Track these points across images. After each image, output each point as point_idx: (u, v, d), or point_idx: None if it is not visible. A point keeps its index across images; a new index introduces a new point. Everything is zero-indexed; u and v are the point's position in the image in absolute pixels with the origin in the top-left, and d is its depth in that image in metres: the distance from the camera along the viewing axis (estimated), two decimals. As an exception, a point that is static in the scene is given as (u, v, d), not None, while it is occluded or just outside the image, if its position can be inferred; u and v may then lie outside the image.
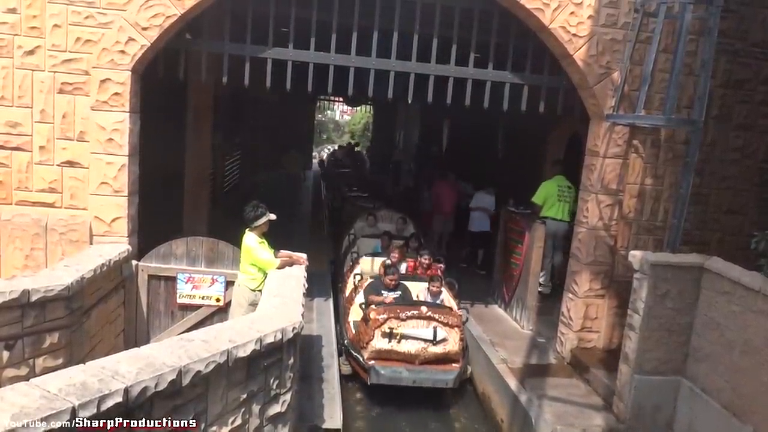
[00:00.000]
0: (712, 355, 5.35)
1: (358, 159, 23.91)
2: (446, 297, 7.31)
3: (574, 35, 6.36)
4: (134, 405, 2.95)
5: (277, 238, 6.29)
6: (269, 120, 20.23)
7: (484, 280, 10.01)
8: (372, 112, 31.30)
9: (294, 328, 4.27)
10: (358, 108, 34.68)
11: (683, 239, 6.04)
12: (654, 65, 6.05)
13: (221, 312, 6.45)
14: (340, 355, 6.95)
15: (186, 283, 6.41)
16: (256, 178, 17.47)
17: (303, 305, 4.84)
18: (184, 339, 3.68)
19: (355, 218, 10.40)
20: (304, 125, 25.73)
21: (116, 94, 5.95)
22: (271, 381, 4.13)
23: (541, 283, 8.48)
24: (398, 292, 7.07)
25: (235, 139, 16.01)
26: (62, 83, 5.90)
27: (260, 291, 5.64)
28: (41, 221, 5.98)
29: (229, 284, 6.33)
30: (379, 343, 6.38)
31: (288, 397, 4.35)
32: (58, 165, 6.02)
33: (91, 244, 6.06)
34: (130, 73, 5.96)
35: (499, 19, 6.65)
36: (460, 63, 6.82)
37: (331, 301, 8.45)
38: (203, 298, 6.47)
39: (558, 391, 6.35)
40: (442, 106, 7.30)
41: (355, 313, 7.09)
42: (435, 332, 6.41)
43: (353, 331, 6.93)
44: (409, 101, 7.06)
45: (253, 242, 5.80)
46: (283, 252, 6.06)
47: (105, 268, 5.52)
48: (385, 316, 6.40)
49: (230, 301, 6.22)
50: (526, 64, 6.90)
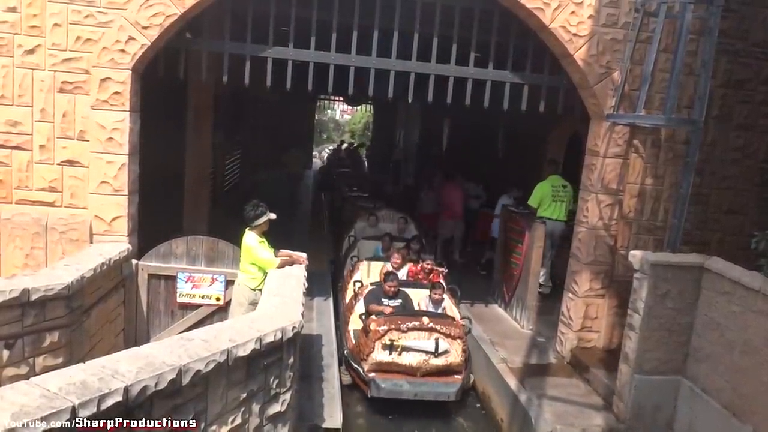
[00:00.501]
0: (712, 355, 5.35)
1: (357, 159, 23.94)
2: (448, 305, 7.12)
3: (575, 35, 6.36)
4: (134, 404, 2.95)
5: (277, 237, 6.29)
6: (269, 119, 20.21)
7: (484, 279, 10.01)
8: (372, 112, 31.29)
9: (294, 328, 4.27)
10: (359, 107, 34.69)
11: (683, 239, 6.04)
12: (654, 65, 6.05)
13: (221, 311, 6.45)
14: (340, 364, 6.78)
15: (186, 282, 6.42)
16: (256, 177, 17.46)
17: (303, 305, 4.85)
18: (184, 338, 3.68)
19: (355, 218, 10.32)
20: (305, 124, 25.72)
21: (116, 93, 5.95)
22: (271, 380, 4.13)
23: (541, 284, 8.48)
24: (399, 300, 6.90)
25: (236, 139, 16.00)
26: (62, 82, 5.90)
27: (260, 290, 5.64)
28: (41, 220, 5.98)
29: (229, 283, 6.33)
30: (379, 355, 6.26)
31: (288, 396, 4.35)
32: (58, 164, 6.02)
33: (91, 243, 6.07)
34: (131, 72, 5.96)
35: (499, 18, 6.65)
36: (460, 62, 6.82)
37: (331, 300, 8.45)
38: (203, 297, 6.47)
39: (558, 390, 6.35)
40: (442, 106, 7.30)
41: (355, 321, 6.92)
42: (437, 344, 6.28)
43: (353, 341, 6.78)
44: (410, 101, 7.06)
45: (253, 241, 5.80)
46: (283, 251, 6.06)
47: (105, 267, 5.52)
48: (386, 328, 6.25)
49: (230, 301, 6.22)
50: (526, 64, 6.90)
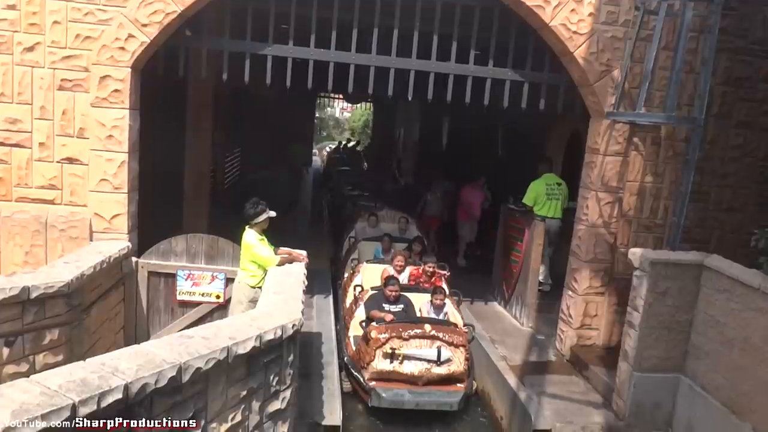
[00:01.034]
0: (711, 352, 5.35)
1: (356, 157, 23.95)
2: (450, 310, 6.93)
3: (575, 33, 6.36)
4: (134, 402, 2.95)
5: (277, 235, 6.29)
6: (269, 117, 20.20)
7: (483, 277, 10.00)
8: (372, 110, 31.28)
9: (294, 325, 4.28)
10: (358, 105, 34.68)
11: (683, 237, 6.05)
12: (654, 63, 6.04)
13: (221, 309, 6.45)
14: (341, 370, 6.61)
15: (186, 280, 6.42)
16: (256, 175, 17.46)
17: (303, 302, 4.85)
18: (184, 336, 3.68)
19: (356, 218, 10.18)
20: (305, 122, 25.72)
21: (116, 90, 5.95)
22: (271, 378, 4.14)
23: (540, 281, 8.48)
24: (400, 305, 6.72)
25: (235, 136, 16.00)
26: (62, 80, 5.90)
27: (260, 288, 5.64)
28: (41, 218, 5.98)
29: (229, 281, 6.33)
30: (380, 364, 6.08)
31: (288, 393, 4.35)
32: (57, 162, 6.02)
33: (91, 240, 6.07)
34: (130, 69, 5.96)
35: (499, 16, 6.65)
36: (460, 60, 6.81)
37: (330, 298, 8.45)
38: (203, 295, 6.47)
39: (557, 388, 6.36)
40: (442, 104, 7.30)
41: (356, 327, 6.75)
42: (439, 352, 6.09)
43: (353, 348, 6.60)
44: (410, 99, 7.05)
45: (253, 239, 5.80)
46: (283, 249, 6.06)
47: (105, 264, 5.53)
48: (387, 336, 6.06)
49: (230, 298, 6.22)
50: (526, 62, 6.89)
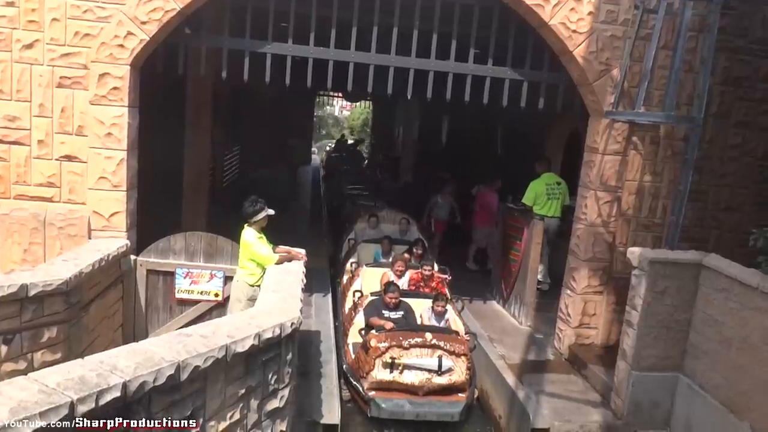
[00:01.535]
0: (709, 351, 5.36)
1: (357, 156, 23.95)
2: (452, 317, 6.76)
3: (574, 31, 6.35)
4: (132, 400, 2.95)
5: (276, 233, 6.29)
6: (268, 115, 20.20)
7: (482, 276, 10.02)
8: (371, 108, 31.28)
9: (292, 324, 4.28)
10: (358, 103, 34.70)
11: (682, 236, 6.05)
12: (654, 62, 6.04)
13: (220, 307, 6.45)
14: (340, 377, 6.44)
15: (184, 278, 6.41)
16: (255, 173, 17.45)
17: (302, 301, 4.85)
18: (183, 334, 3.68)
19: (355, 218, 10.01)
20: (304, 120, 25.73)
21: (115, 88, 5.94)
22: (270, 376, 4.13)
23: (539, 280, 8.48)
24: (400, 312, 6.53)
25: (235, 134, 15.99)
26: (61, 77, 5.89)
27: (259, 286, 5.64)
28: (39, 216, 5.97)
29: (228, 279, 6.33)
30: (380, 374, 5.90)
31: (286, 392, 4.35)
32: (56, 159, 6.01)
33: (90, 238, 6.06)
34: (129, 67, 5.95)
35: (499, 14, 6.64)
36: (459, 59, 6.81)
37: (329, 296, 8.45)
38: (202, 293, 6.47)
39: (556, 387, 6.37)
40: (441, 103, 7.29)
41: (355, 334, 6.59)
42: (440, 362, 5.92)
43: (352, 356, 6.43)
44: (409, 97, 7.05)
45: (251, 237, 5.80)
46: (282, 247, 6.06)
47: (103, 262, 5.52)
48: (387, 345, 5.89)
49: (229, 297, 6.22)
50: (525, 61, 6.89)
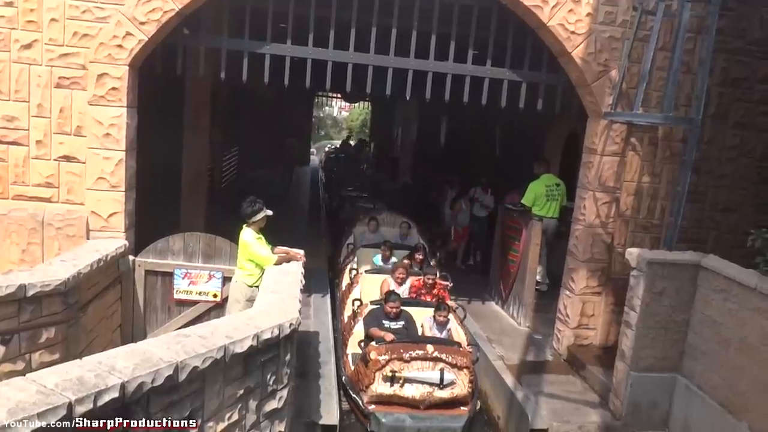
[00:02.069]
0: (708, 352, 5.37)
1: (358, 157, 23.89)
2: (453, 326, 6.56)
3: (573, 33, 6.36)
4: (131, 400, 2.95)
5: (274, 234, 6.28)
6: (267, 116, 20.20)
7: (481, 277, 10.02)
8: (370, 109, 31.28)
9: (291, 324, 4.27)
10: (357, 104, 34.69)
11: (680, 237, 6.06)
12: (652, 63, 6.06)
13: (218, 308, 6.44)
14: (339, 389, 6.29)
15: (183, 278, 6.41)
16: (254, 174, 17.45)
17: (300, 301, 4.84)
18: (181, 334, 3.68)
19: (355, 221, 9.82)
20: (303, 121, 25.73)
21: (113, 89, 5.93)
22: (268, 377, 4.13)
23: (538, 281, 8.49)
24: (401, 321, 6.33)
25: (233, 135, 15.99)
26: (59, 77, 5.88)
27: (257, 287, 5.64)
28: (38, 216, 5.96)
29: (227, 280, 6.33)
30: (380, 387, 5.71)
31: (285, 393, 4.35)
32: (54, 160, 6.00)
33: (88, 239, 6.05)
34: (128, 67, 5.94)
35: (497, 16, 6.65)
36: (458, 60, 6.81)
37: (328, 297, 8.44)
38: (200, 293, 6.46)
39: (554, 387, 6.37)
40: (440, 104, 7.29)
41: (354, 344, 6.43)
42: (442, 375, 5.73)
43: (351, 368, 6.25)
44: (408, 98, 7.05)
45: (250, 238, 5.80)
46: (281, 248, 6.05)
47: (102, 263, 5.51)
48: (387, 358, 5.69)
49: (227, 297, 6.20)
50: (524, 62, 6.90)
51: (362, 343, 6.13)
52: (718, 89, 6.68)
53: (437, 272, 7.54)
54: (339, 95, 25.69)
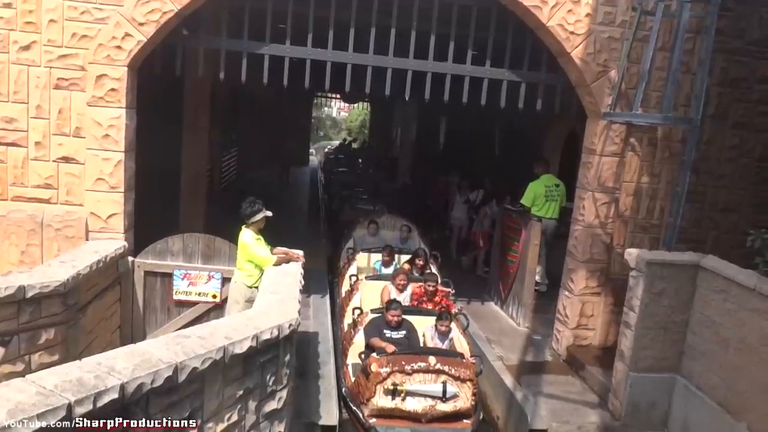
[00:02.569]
0: (707, 352, 5.37)
1: (354, 157, 23.95)
2: (456, 335, 6.40)
3: (572, 33, 6.36)
4: (130, 401, 2.95)
5: (273, 234, 6.28)
6: (266, 116, 20.20)
7: (480, 277, 10.02)
8: (369, 109, 31.27)
9: (290, 325, 4.27)
10: (356, 105, 34.68)
11: (679, 237, 6.06)
12: (651, 63, 6.06)
13: (218, 309, 6.44)
14: (339, 399, 6.15)
15: (182, 279, 6.41)
16: (253, 174, 17.44)
17: (299, 302, 4.84)
18: (181, 335, 3.68)
19: (354, 224, 9.66)
20: (302, 121, 25.72)
21: (112, 89, 5.93)
22: (268, 377, 4.13)
23: (537, 281, 8.49)
24: (402, 331, 6.17)
25: (232, 136, 15.99)
26: (58, 79, 5.88)
27: (257, 288, 5.64)
28: (37, 217, 5.96)
29: (226, 281, 6.33)
30: (381, 400, 5.54)
31: (284, 393, 4.35)
32: (53, 161, 6.00)
33: (87, 240, 6.05)
34: (127, 68, 5.94)
35: (496, 16, 6.65)
36: (457, 60, 6.81)
37: (327, 298, 8.44)
38: (200, 294, 6.46)
39: (554, 388, 6.37)
40: (439, 104, 7.29)
41: (354, 355, 6.28)
42: (444, 388, 5.56)
43: (352, 379, 6.10)
44: (407, 98, 7.05)
45: (249, 239, 5.79)
46: (280, 249, 6.05)
47: (101, 264, 5.51)
48: (388, 370, 5.52)
49: (227, 298, 6.20)
50: (523, 62, 6.90)
51: (363, 355, 5.98)
52: (718, 89, 6.68)
53: (438, 278, 7.40)
54: (338, 96, 25.70)
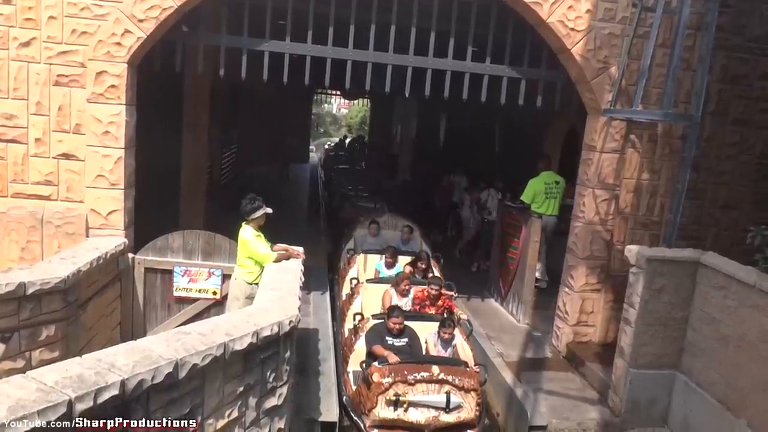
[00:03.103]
0: (707, 349, 5.38)
1: (357, 154, 23.91)
2: (460, 343, 6.25)
3: (572, 29, 6.35)
4: (131, 398, 2.95)
5: (273, 231, 6.28)
6: (266, 113, 20.18)
7: (480, 274, 10.03)
8: (369, 106, 31.26)
9: (291, 322, 4.28)
10: (356, 101, 34.68)
11: (679, 234, 6.06)
12: (652, 60, 6.05)
13: (218, 305, 6.45)
14: (340, 408, 5.94)
15: (183, 276, 6.41)
16: (253, 171, 17.43)
17: (300, 299, 4.85)
18: (181, 332, 3.68)
19: (355, 224, 9.37)
20: (302, 118, 25.70)
21: (112, 86, 5.93)
22: (268, 374, 4.14)
23: (537, 278, 8.50)
24: (404, 338, 6.02)
25: (232, 132, 15.98)
26: (58, 75, 5.87)
27: (257, 284, 5.64)
28: (37, 214, 5.96)
29: (226, 277, 6.33)
30: (383, 411, 5.36)
31: (284, 390, 4.36)
32: (54, 157, 6.00)
33: (88, 237, 6.05)
34: (127, 65, 5.94)
35: (497, 12, 6.64)
36: (457, 57, 6.80)
37: (327, 295, 8.44)
38: (200, 291, 6.46)
39: (554, 384, 6.38)
40: (439, 100, 7.28)
41: (355, 362, 6.15)
42: (448, 398, 5.38)
43: (353, 387, 5.93)
44: (407, 95, 7.04)
45: (249, 235, 5.79)
46: (280, 245, 6.05)
47: (101, 261, 5.52)
48: (390, 380, 5.35)
49: (227, 295, 6.21)
50: (523, 59, 6.89)
51: (364, 364, 5.82)
52: (718, 86, 6.67)
53: (442, 282, 7.22)
54: (338, 92, 25.71)
